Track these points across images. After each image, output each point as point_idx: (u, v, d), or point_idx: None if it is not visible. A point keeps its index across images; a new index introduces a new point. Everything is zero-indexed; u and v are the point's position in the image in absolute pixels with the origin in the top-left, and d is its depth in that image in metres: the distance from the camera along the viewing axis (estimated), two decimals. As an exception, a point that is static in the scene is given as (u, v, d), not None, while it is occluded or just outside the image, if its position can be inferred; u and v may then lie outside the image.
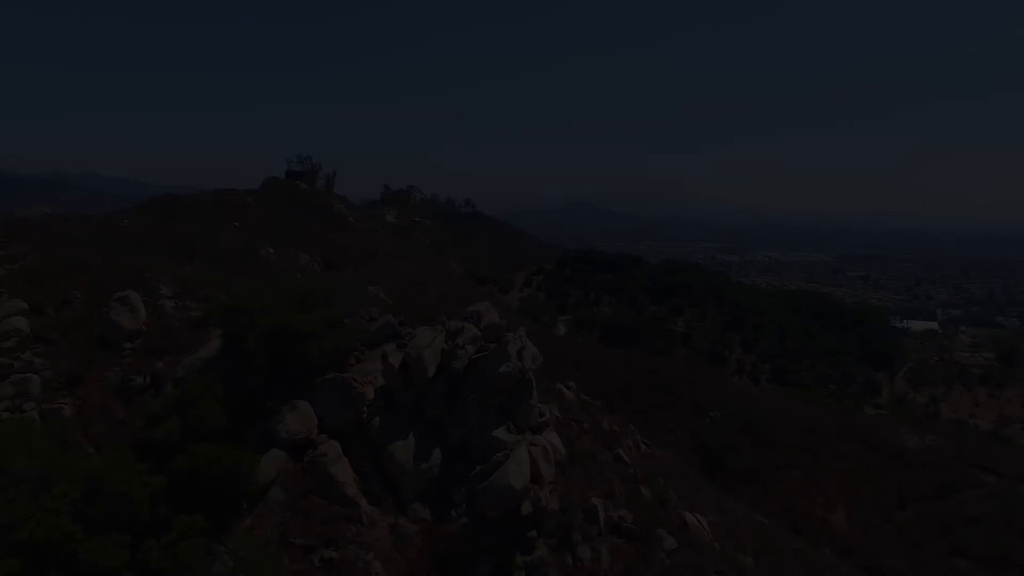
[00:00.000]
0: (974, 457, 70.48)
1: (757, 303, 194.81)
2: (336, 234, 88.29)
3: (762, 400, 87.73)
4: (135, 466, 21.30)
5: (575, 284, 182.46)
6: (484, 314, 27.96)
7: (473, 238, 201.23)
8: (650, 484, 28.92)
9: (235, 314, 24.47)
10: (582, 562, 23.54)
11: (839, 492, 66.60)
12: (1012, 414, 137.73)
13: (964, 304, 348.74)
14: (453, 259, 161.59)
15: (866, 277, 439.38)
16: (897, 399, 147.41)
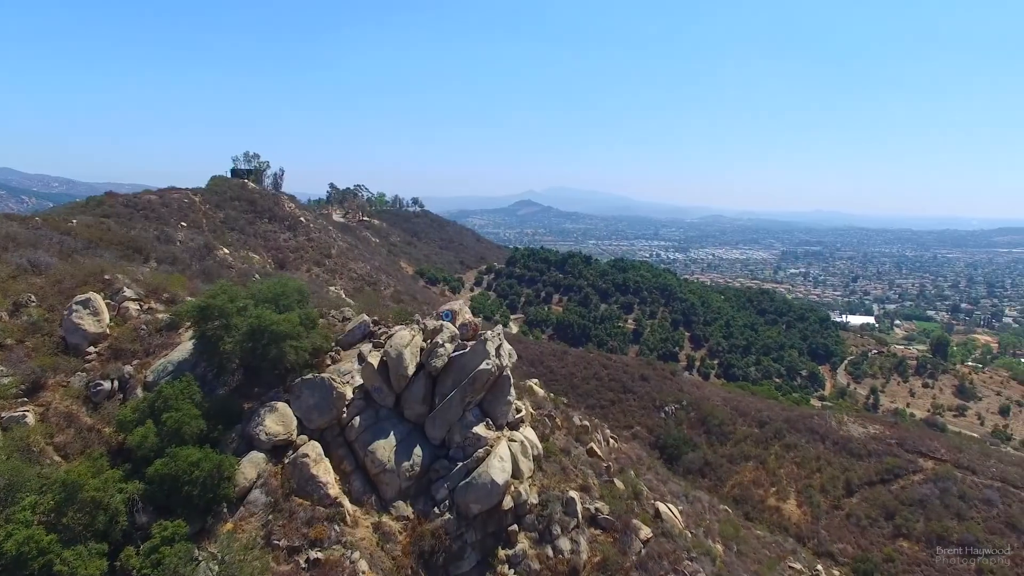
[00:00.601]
0: (913, 444, 74.38)
1: (705, 300, 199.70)
2: (288, 234, 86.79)
3: (714, 395, 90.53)
4: (110, 473, 20.87)
5: (526, 283, 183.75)
6: (459, 312, 28.29)
7: (422, 237, 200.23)
8: (622, 476, 29.80)
9: (209, 315, 24.10)
10: (563, 554, 24.18)
11: (790, 481, 69.45)
12: (944, 403, 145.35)
13: (898, 299, 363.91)
14: (403, 258, 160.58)
15: (806, 274, 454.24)
16: (839, 391, 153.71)
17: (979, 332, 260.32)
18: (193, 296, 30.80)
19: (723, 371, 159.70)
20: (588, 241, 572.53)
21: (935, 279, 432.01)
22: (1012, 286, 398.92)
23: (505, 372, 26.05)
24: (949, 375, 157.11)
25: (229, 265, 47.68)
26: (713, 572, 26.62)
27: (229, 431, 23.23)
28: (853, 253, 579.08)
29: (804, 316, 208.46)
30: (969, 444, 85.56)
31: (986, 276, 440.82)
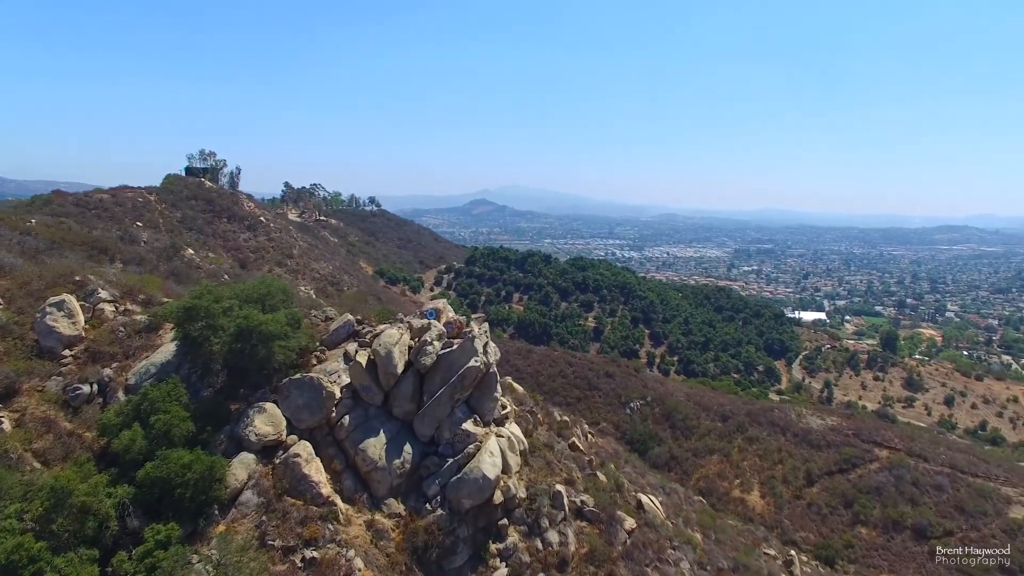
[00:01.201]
0: (869, 435, 77.47)
1: (664, 298, 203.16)
2: (248, 234, 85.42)
3: (677, 391, 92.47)
4: (98, 478, 20.67)
5: (486, 282, 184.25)
6: (443, 311, 28.66)
7: (380, 237, 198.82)
8: (604, 470, 30.61)
9: (194, 316, 23.93)
10: (551, 546, 24.83)
11: (753, 473, 71.64)
12: (894, 395, 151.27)
13: (847, 295, 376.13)
14: (362, 258, 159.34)
15: (759, 271, 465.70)
16: (795, 385, 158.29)
17: (924, 326, 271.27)
18: (169, 297, 30.45)
19: (683, 367, 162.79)
20: (544, 240, 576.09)
21: (882, 276, 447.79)
22: (953, 282, 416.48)
23: (492, 369, 26.57)
24: (898, 368, 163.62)
25: (197, 266, 46.90)
26: (694, 559, 27.61)
27: (217, 433, 23.16)
28: (804, 251, 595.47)
29: (759, 313, 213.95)
30: (920, 433, 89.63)
31: (929, 272, 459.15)
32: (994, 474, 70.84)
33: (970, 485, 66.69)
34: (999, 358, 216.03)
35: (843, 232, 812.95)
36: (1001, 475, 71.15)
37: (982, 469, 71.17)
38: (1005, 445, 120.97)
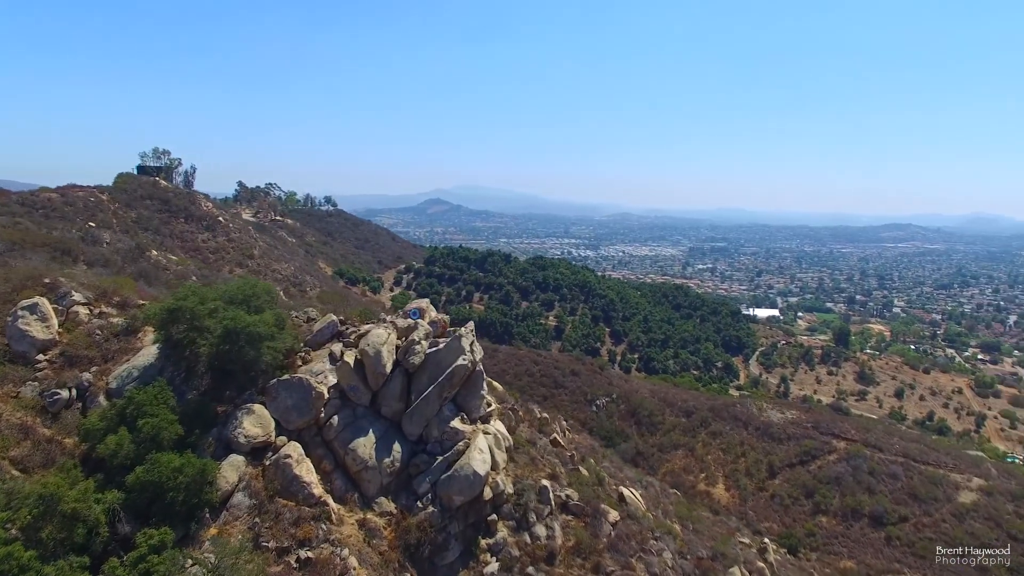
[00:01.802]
0: (827, 427, 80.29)
1: (623, 296, 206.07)
2: (207, 234, 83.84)
3: (641, 388, 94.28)
4: (85, 484, 20.44)
5: (446, 281, 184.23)
6: (427, 310, 29.00)
7: (337, 237, 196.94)
8: (585, 464, 31.38)
9: (178, 318, 23.76)
10: (539, 540, 25.45)
11: (718, 467, 73.67)
12: (847, 388, 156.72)
13: (799, 292, 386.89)
14: (320, 259, 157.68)
15: (713, 269, 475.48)
16: (753, 381, 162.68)
17: (873, 322, 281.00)
18: (144, 299, 30.08)
19: (643, 364, 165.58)
20: (499, 239, 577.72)
21: (832, 273, 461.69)
22: (899, 279, 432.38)
23: (478, 367, 27.04)
24: (851, 362, 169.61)
25: (164, 267, 46.06)
26: (676, 549, 28.58)
27: (205, 435, 23.08)
28: (756, 249, 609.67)
29: (717, 310, 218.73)
30: (874, 425, 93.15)
31: (876, 269, 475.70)
32: (943, 462, 74.19)
33: (922, 473, 69.77)
34: (943, 351, 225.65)
35: (794, 230, 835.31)
36: (950, 462, 74.56)
37: (932, 457, 74.45)
38: (951, 434, 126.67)
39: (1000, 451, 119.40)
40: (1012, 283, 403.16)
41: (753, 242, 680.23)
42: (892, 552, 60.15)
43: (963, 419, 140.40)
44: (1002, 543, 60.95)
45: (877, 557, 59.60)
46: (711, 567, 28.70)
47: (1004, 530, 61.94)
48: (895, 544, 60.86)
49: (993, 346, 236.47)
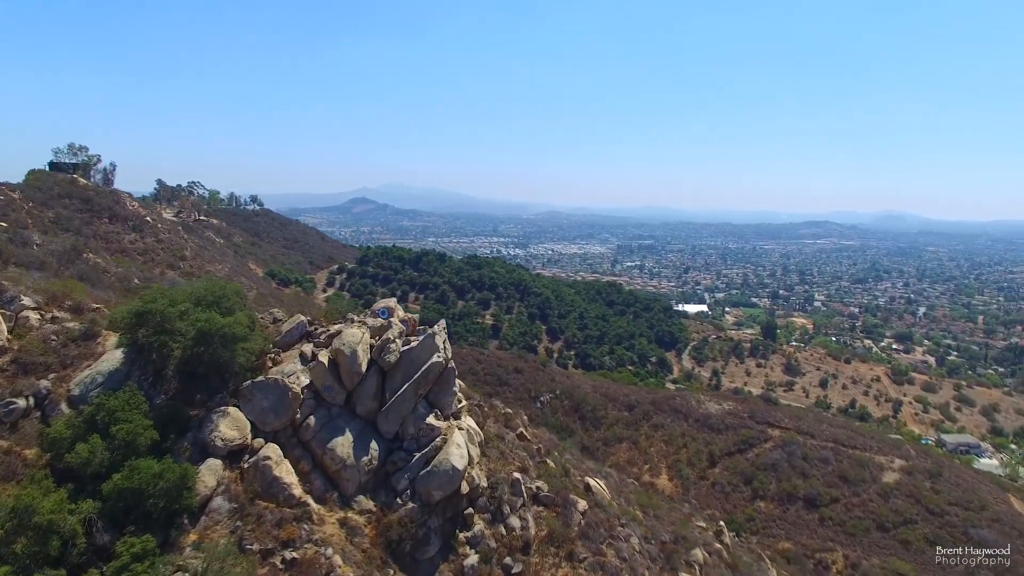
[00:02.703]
0: (762, 416, 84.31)
1: (558, 294, 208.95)
2: (133, 235, 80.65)
3: (584, 383, 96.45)
4: (58, 494, 20.00)
5: (380, 282, 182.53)
6: (395, 309, 29.39)
7: (264, 237, 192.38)
8: (551, 457, 32.42)
9: (147, 321, 23.37)
10: (514, 531, 26.37)
11: (660, 458, 76.37)
12: (775, 380, 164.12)
13: (725, 288, 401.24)
14: (250, 259, 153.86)
15: (642, 267, 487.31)
16: (686, 374, 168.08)
17: (796, 315, 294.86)
18: (99, 303, 29.36)
19: (580, 361, 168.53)
20: (427, 238, 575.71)
21: (756, 269, 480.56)
22: (819, 274, 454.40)
23: (450, 364, 27.66)
24: (778, 355, 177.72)
25: (104, 269, 44.34)
26: (641, 535, 29.97)
27: (180, 440, 22.84)
28: (682, 246, 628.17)
29: (649, 306, 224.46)
30: (805, 413, 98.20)
31: (797, 265, 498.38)
32: (868, 445, 79.22)
33: (850, 456, 74.40)
34: (862, 342, 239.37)
35: (719, 228, 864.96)
36: (874, 446, 79.68)
37: (859, 442, 79.37)
38: (871, 420, 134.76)
39: (915, 434, 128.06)
40: (920, 277, 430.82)
41: (679, 240, 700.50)
42: (826, 532, 64.08)
43: (882, 405, 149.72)
44: (922, 517, 65.81)
45: (812, 537, 63.36)
46: (675, 550, 30.28)
47: (923, 506, 67.03)
48: (828, 524, 64.86)
49: (906, 336, 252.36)
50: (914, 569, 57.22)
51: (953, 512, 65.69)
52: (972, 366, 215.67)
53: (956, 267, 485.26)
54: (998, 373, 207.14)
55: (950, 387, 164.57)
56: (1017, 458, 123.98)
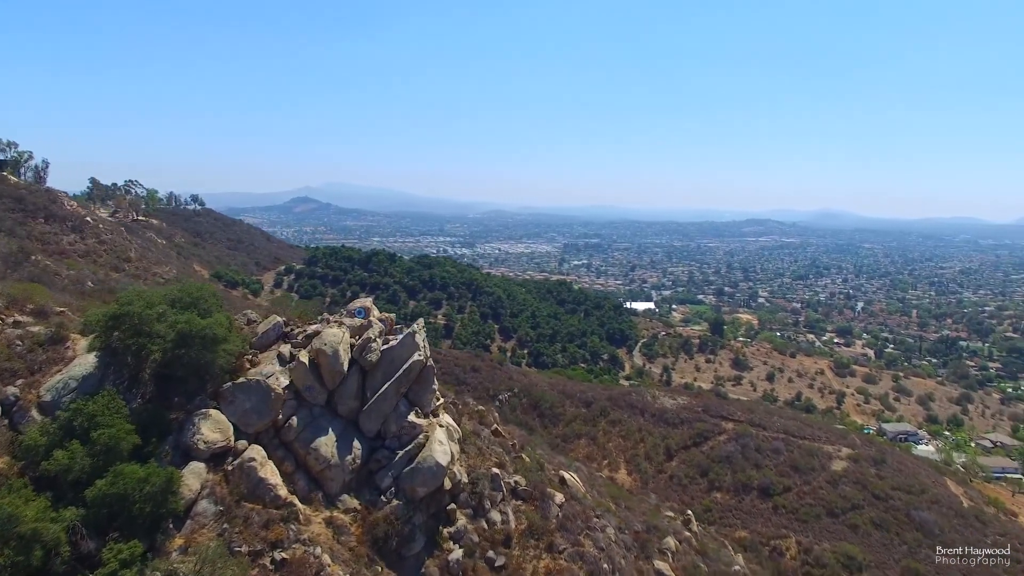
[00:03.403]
0: (716, 410, 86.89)
1: (510, 293, 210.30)
2: (73, 236, 77.83)
3: (541, 381, 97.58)
4: (39, 502, 19.69)
5: (329, 283, 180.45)
6: (371, 309, 29.62)
7: (207, 238, 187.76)
8: (526, 452, 33.13)
9: (122, 324, 23.04)
10: (495, 525, 27.05)
11: (619, 453, 77.98)
12: (724, 374, 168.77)
13: (671, 285, 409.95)
14: (194, 260, 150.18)
15: (589, 265, 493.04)
16: (637, 371, 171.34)
17: (742, 311, 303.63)
18: (63, 307, 28.76)
19: (534, 360, 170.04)
20: (372, 238, 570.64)
21: (700, 266, 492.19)
22: (762, 270, 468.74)
23: (429, 362, 28.08)
24: (726, 350, 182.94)
25: (56, 272, 42.90)
26: (616, 525, 30.96)
27: (161, 444, 22.66)
28: (628, 245, 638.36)
29: (599, 305, 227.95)
30: (756, 406, 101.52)
31: (741, 262, 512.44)
32: (817, 435, 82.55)
33: (800, 446, 77.41)
34: (805, 337, 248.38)
35: (664, 226, 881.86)
36: (822, 436, 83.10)
37: (808, 432, 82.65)
38: (817, 412, 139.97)
39: (858, 424, 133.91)
40: (858, 273, 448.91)
41: (625, 238, 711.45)
42: (779, 519, 66.63)
43: (826, 397, 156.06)
44: (868, 502, 69.05)
45: (767, 525, 65.81)
46: (648, 539, 31.41)
47: (869, 491, 70.40)
48: (781, 512, 67.46)
49: (846, 330, 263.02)
50: (862, 552, 60.20)
51: (897, 496, 69.25)
52: (908, 358, 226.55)
53: (891, 263, 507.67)
54: (932, 364, 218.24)
55: (889, 378, 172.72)
56: (951, 444, 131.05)
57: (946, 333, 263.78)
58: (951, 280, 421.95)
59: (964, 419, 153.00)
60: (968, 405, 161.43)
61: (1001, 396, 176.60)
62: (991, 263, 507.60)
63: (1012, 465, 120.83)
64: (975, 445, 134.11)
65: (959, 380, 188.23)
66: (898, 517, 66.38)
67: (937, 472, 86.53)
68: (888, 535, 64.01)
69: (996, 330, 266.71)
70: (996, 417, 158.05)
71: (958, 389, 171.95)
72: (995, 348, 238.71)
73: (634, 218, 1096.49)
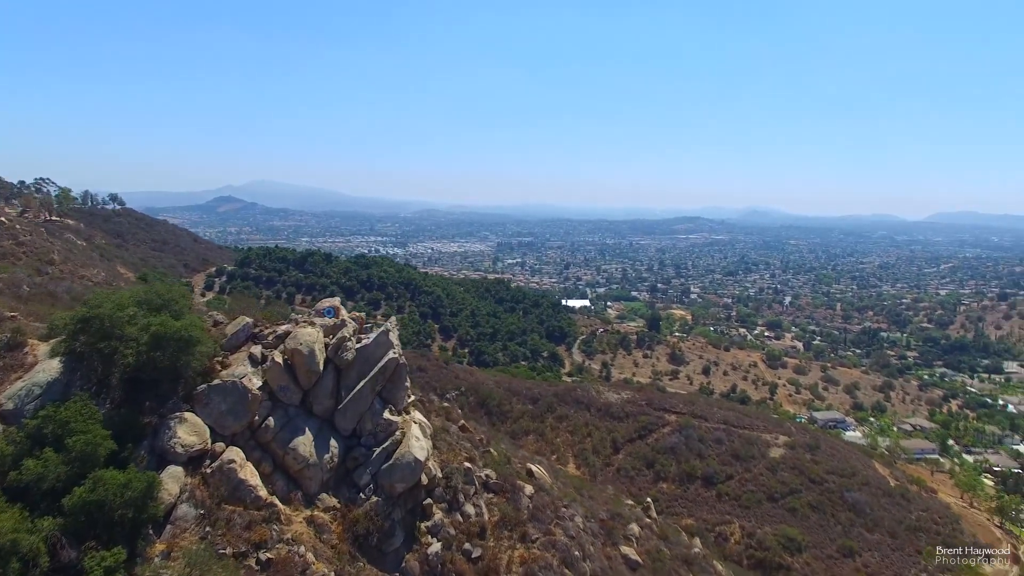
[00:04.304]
0: (659, 403, 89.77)
1: (449, 292, 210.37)
2: (-10, 237, 74.46)
3: (487, 379, 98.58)
4: (13, 512, 19.36)
5: (263, 284, 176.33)
6: (340, 308, 29.93)
7: (129, 239, 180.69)
8: (493, 446, 34.01)
9: (92, 327, 22.69)
10: (470, 518, 27.90)
11: (567, 448, 79.79)
12: (662, 369, 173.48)
13: (605, 283, 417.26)
14: (117, 262, 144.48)
15: (523, 264, 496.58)
16: (577, 367, 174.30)
17: (675, 307, 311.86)
18: (14, 312, 28.03)
19: (475, 359, 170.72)
20: (301, 239, 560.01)
21: (633, 263, 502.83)
22: (693, 267, 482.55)
23: (402, 360, 28.63)
24: (663, 346, 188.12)
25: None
26: (583, 513, 32.20)
27: (137, 448, 22.50)
28: (562, 243, 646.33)
29: (538, 303, 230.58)
30: (696, 398, 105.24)
31: (673, 259, 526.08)
32: (755, 425, 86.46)
33: (740, 436, 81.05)
34: (737, 331, 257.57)
35: (596, 224, 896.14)
36: (760, 425, 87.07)
37: (747, 422, 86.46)
38: (751, 403, 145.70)
39: (790, 413, 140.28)
40: (785, 268, 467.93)
41: (558, 236, 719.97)
42: (723, 506, 69.76)
43: (759, 388, 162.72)
44: (805, 487, 72.92)
45: (711, 512, 68.82)
46: (614, 526, 32.79)
47: (806, 476, 74.49)
48: (725, 499, 70.64)
49: (776, 324, 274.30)
50: (801, 533, 63.75)
51: (831, 480, 73.51)
52: (834, 349, 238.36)
53: (815, 259, 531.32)
54: (856, 354, 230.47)
55: (817, 369, 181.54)
56: (876, 429, 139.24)
57: (868, 325, 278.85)
58: (871, 274, 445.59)
59: (887, 405, 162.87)
60: (890, 392, 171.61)
61: (919, 383, 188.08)
62: (907, 258, 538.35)
63: (931, 446, 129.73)
64: (897, 429, 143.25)
65: (881, 369, 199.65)
66: (833, 499, 70.54)
67: (865, 456, 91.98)
68: (824, 516, 67.96)
69: (913, 321, 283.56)
70: (915, 403, 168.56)
71: (880, 378, 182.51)
72: (912, 338, 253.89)
73: (567, 216, 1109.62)
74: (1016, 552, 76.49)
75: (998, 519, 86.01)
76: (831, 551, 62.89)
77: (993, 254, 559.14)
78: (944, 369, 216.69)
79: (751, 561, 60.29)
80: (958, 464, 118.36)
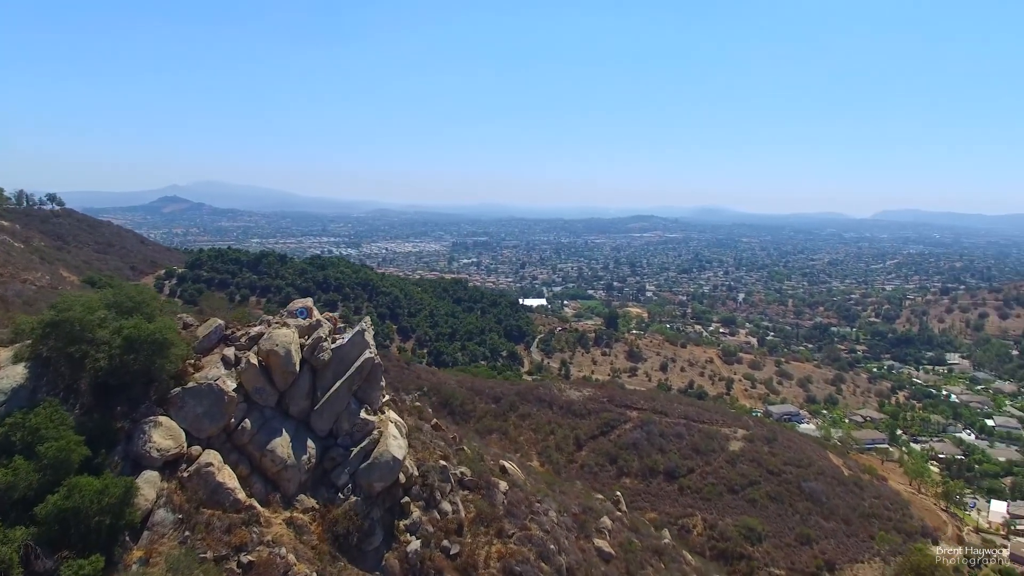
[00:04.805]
0: (620, 399, 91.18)
1: (407, 293, 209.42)
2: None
3: (448, 379, 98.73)
4: (-10, 522, 18.98)
5: (216, 286, 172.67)
6: (312, 309, 29.88)
7: (71, 241, 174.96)
8: (466, 444, 34.33)
9: (62, 331, 22.20)
10: (447, 515, 28.22)
11: (530, 446, 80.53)
12: (620, 366, 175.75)
13: (561, 282, 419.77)
14: (60, 265, 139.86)
15: (478, 263, 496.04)
16: (536, 366, 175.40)
17: (631, 305, 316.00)
18: None
19: (434, 359, 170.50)
20: (250, 239, 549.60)
21: (589, 262, 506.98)
22: (648, 265, 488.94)
23: (377, 360, 28.74)
24: (621, 343, 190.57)
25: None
26: (556, 508, 32.78)
27: (110, 454, 22.15)
28: (517, 242, 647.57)
29: (496, 302, 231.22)
30: (656, 394, 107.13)
31: (628, 258, 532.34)
32: (715, 419, 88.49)
33: (700, 430, 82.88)
34: (693, 327, 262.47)
35: (551, 223, 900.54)
36: (719, 419, 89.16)
37: (706, 416, 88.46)
38: (709, 398, 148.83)
39: (747, 407, 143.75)
40: (738, 265, 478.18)
41: (514, 236, 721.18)
42: (685, 499, 71.36)
43: (716, 384, 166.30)
44: (764, 478, 75.00)
45: (674, 505, 70.32)
46: (586, 519, 33.45)
47: (764, 467, 76.62)
48: (687, 492, 72.27)
49: (730, 320, 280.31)
50: (761, 523, 65.70)
51: (788, 471, 75.82)
52: (787, 344, 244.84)
53: (767, 256, 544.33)
54: (808, 349, 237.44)
55: (772, 364, 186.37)
56: (829, 421, 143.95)
57: (819, 320, 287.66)
58: (821, 271, 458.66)
59: (838, 398, 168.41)
60: (841, 385, 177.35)
61: (868, 376, 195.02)
62: (854, 254, 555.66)
63: (880, 436, 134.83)
64: (849, 421, 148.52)
65: (832, 363, 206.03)
66: (790, 489, 72.81)
67: (820, 447, 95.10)
68: (783, 506, 70.12)
69: (861, 316, 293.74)
70: (865, 395, 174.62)
71: (832, 371, 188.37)
72: (861, 332, 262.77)
73: (521, 216, 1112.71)
74: (960, 533, 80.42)
75: (944, 503, 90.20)
76: (790, 539, 65.03)
77: (935, 250, 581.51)
78: (892, 362, 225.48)
79: (713, 552, 61.95)
80: (906, 453, 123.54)
